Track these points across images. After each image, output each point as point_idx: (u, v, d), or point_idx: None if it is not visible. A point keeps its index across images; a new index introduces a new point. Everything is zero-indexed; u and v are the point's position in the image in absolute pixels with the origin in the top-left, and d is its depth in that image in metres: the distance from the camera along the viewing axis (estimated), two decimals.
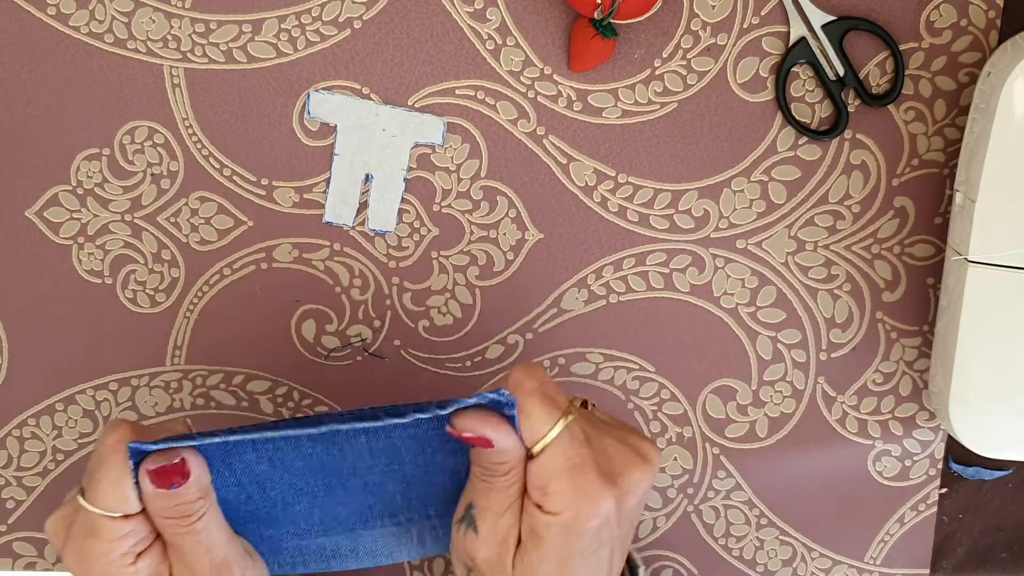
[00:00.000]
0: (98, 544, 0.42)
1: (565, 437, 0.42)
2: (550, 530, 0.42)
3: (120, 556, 0.43)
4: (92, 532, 0.42)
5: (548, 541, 0.42)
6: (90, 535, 0.42)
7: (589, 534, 0.42)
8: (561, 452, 0.42)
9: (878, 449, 0.58)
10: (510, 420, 0.42)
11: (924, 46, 0.54)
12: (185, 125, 0.55)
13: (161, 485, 0.42)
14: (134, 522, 0.43)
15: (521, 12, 0.54)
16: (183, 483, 0.42)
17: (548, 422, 0.42)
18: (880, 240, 0.56)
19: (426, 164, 0.55)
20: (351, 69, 0.54)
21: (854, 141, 0.55)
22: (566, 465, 0.42)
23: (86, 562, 0.43)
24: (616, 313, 0.57)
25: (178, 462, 0.42)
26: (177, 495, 0.42)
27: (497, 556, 0.43)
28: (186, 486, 0.42)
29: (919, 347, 0.57)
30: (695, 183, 0.56)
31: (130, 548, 0.43)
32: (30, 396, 0.58)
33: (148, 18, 0.54)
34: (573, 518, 0.42)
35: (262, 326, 0.57)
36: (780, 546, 0.60)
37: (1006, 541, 0.60)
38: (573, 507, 0.42)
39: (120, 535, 0.42)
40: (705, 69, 0.54)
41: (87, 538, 0.42)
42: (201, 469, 0.43)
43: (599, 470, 0.42)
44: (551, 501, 0.42)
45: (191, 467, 0.42)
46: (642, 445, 0.44)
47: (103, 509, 0.42)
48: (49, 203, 0.56)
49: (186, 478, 0.42)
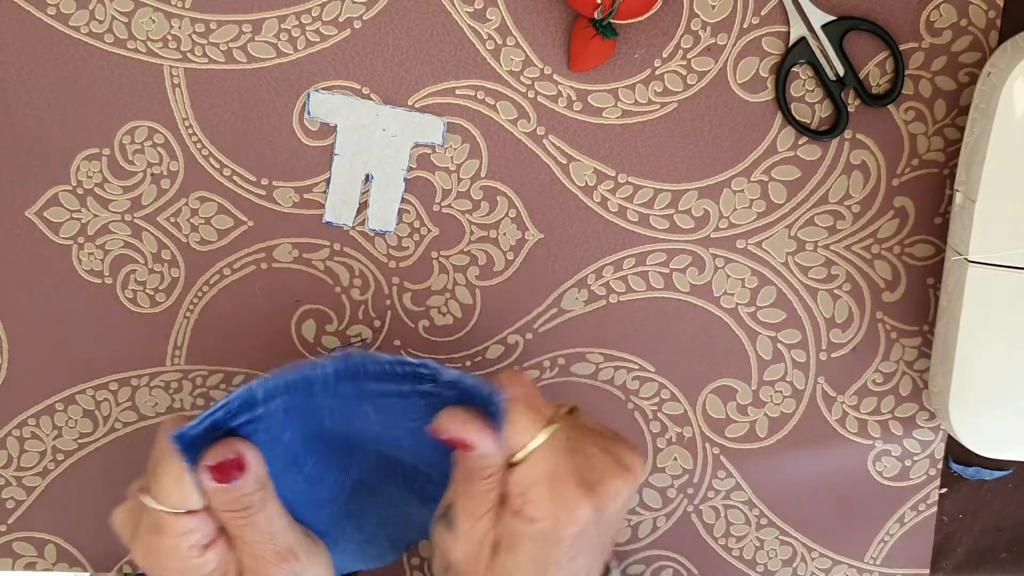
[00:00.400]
0: (165, 540, 0.43)
1: (548, 446, 0.43)
2: (527, 537, 0.42)
3: (188, 549, 0.43)
4: (158, 528, 0.43)
5: (525, 548, 0.43)
6: (156, 531, 0.43)
7: (566, 542, 0.42)
8: (543, 460, 0.42)
9: (878, 449, 0.58)
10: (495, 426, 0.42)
11: (924, 46, 0.54)
12: (185, 125, 0.55)
13: (220, 480, 0.42)
14: (198, 518, 0.43)
15: (521, 12, 0.54)
16: (241, 476, 0.43)
17: (531, 431, 0.43)
18: (880, 240, 0.56)
19: (426, 164, 0.55)
20: (351, 69, 0.54)
21: (854, 141, 0.55)
22: (546, 473, 0.42)
23: (155, 557, 0.44)
24: (616, 313, 0.57)
25: (235, 456, 0.43)
26: (236, 488, 0.43)
27: (473, 557, 0.44)
28: (244, 479, 0.43)
29: (919, 347, 0.57)
30: (695, 183, 0.56)
31: (197, 541, 0.43)
32: (30, 396, 0.58)
33: (148, 18, 0.54)
34: (551, 526, 0.42)
35: (262, 326, 0.57)
36: (780, 546, 0.60)
37: (1006, 541, 0.60)
38: (551, 515, 0.42)
39: (185, 530, 0.43)
40: (705, 69, 0.54)
41: (153, 534, 0.43)
42: (257, 460, 0.44)
43: (578, 479, 0.43)
44: (529, 508, 0.42)
45: (248, 460, 0.43)
46: (625, 454, 0.45)
47: (166, 507, 0.43)
48: (49, 203, 0.56)
49: (243, 471, 0.43)
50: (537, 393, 0.44)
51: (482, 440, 0.42)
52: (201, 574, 0.44)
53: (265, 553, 0.45)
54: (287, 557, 0.45)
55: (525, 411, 0.43)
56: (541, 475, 0.42)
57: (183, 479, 0.43)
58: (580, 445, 0.44)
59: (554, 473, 0.42)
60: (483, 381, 0.42)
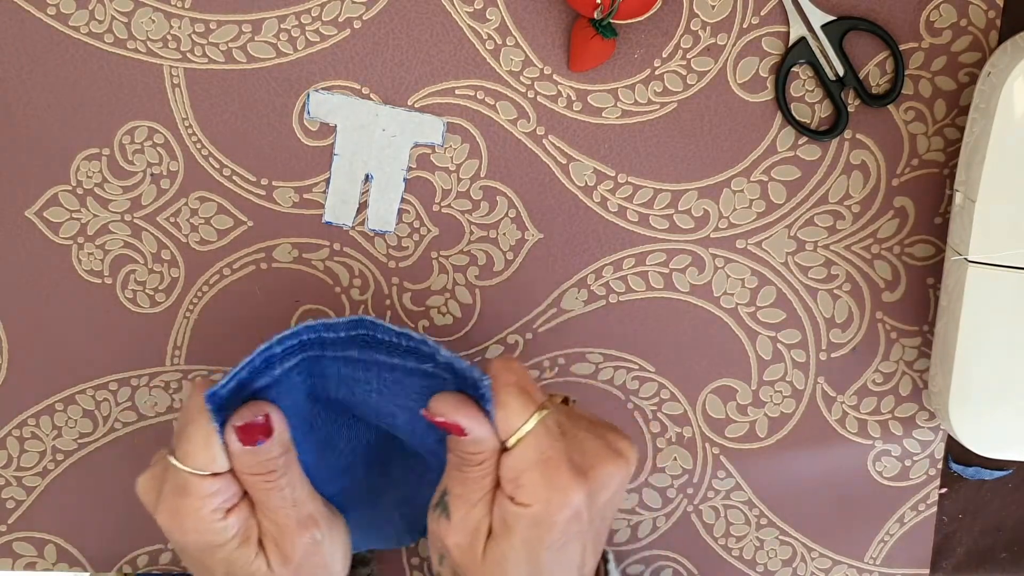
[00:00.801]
0: (190, 501, 0.44)
1: (540, 430, 0.43)
2: (520, 521, 0.43)
3: (211, 512, 0.44)
4: (183, 490, 0.44)
5: (518, 532, 0.43)
6: (181, 493, 0.44)
7: (559, 526, 0.43)
8: (535, 445, 0.43)
9: (878, 449, 0.58)
10: (485, 411, 0.43)
11: (924, 46, 0.54)
12: (185, 125, 0.55)
13: (247, 442, 0.43)
14: (222, 480, 0.44)
15: (521, 12, 0.54)
16: (267, 439, 0.43)
17: (523, 415, 0.43)
18: (880, 240, 0.56)
19: (426, 164, 0.55)
20: (351, 69, 0.54)
21: (854, 141, 0.55)
22: (539, 458, 0.42)
23: (179, 519, 0.44)
24: (616, 313, 0.57)
25: (263, 419, 0.43)
26: (262, 451, 0.43)
27: (468, 544, 0.44)
28: (270, 442, 0.43)
29: (919, 347, 0.57)
30: (695, 183, 0.56)
31: (220, 504, 0.44)
32: (30, 396, 0.58)
33: (148, 18, 0.54)
34: (543, 510, 0.42)
35: (262, 326, 0.57)
36: (780, 546, 0.60)
37: (1006, 541, 0.60)
38: (543, 499, 0.42)
39: (210, 492, 0.44)
40: (705, 69, 0.54)
41: (179, 496, 0.44)
42: (282, 424, 0.44)
43: (571, 463, 0.43)
44: (522, 493, 0.42)
45: (274, 423, 0.44)
46: (618, 441, 0.45)
47: (193, 468, 0.43)
48: (49, 203, 0.56)
49: (270, 435, 0.43)
50: (529, 379, 0.44)
51: (474, 425, 0.42)
52: (223, 538, 0.45)
53: (287, 519, 0.45)
54: (308, 524, 0.46)
55: (517, 396, 0.43)
56: (533, 460, 0.42)
57: (211, 440, 0.43)
58: (572, 431, 0.44)
59: (546, 458, 0.42)
60: (472, 367, 0.43)
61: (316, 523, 0.46)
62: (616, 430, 0.46)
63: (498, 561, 0.43)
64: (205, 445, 0.43)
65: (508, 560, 0.43)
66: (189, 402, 0.44)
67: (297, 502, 0.45)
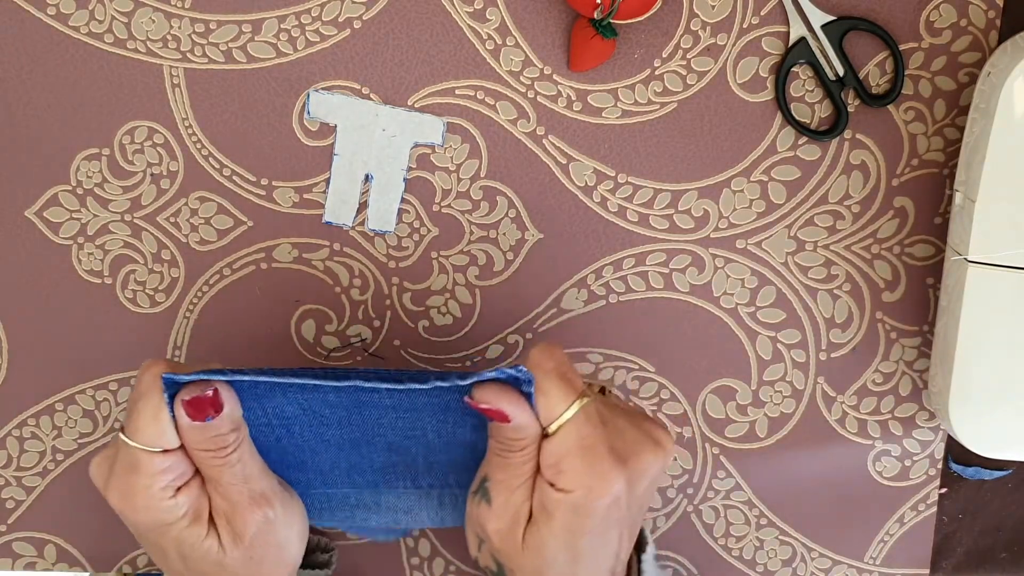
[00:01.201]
0: (139, 479, 0.44)
1: (580, 418, 0.43)
2: (561, 507, 0.43)
3: (160, 490, 0.44)
4: (133, 468, 0.44)
5: (558, 518, 0.43)
6: (131, 471, 0.44)
7: (599, 513, 0.43)
8: (576, 432, 0.43)
9: (878, 449, 0.58)
10: (527, 398, 0.43)
11: (924, 46, 0.54)
12: (185, 125, 0.55)
13: (196, 417, 0.43)
14: (173, 457, 0.44)
15: (521, 12, 0.54)
16: (216, 415, 0.43)
17: (564, 402, 0.43)
18: (880, 240, 0.56)
19: (426, 164, 0.55)
20: (351, 69, 0.54)
21: (854, 141, 0.55)
22: (580, 445, 0.43)
23: (128, 497, 0.44)
24: (616, 313, 0.57)
25: (211, 394, 0.43)
26: (212, 427, 0.44)
27: (508, 529, 0.44)
28: (220, 418, 0.44)
29: (919, 347, 0.57)
30: (695, 183, 0.56)
31: (170, 483, 0.44)
32: (30, 396, 0.58)
33: (148, 18, 0.54)
34: (584, 496, 0.43)
35: (262, 326, 0.57)
36: (780, 546, 0.60)
37: (1006, 541, 0.60)
38: (584, 486, 0.43)
39: (160, 469, 0.44)
40: (705, 69, 0.54)
41: (129, 474, 0.44)
42: (233, 402, 0.44)
43: (611, 451, 0.43)
44: (563, 479, 0.43)
45: (223, 399, 0.44)
46: (656, 430, 0.46)
47: (142, 444, 0.44)
48: (49, 203, 0.56)
49: (219, 411, 0.43)
50: (570, 365, 0.44)
51: (517, 411, 0.43)
52: (173, 516, 0.45)
53: (240, 496, 0.45)
54: (260, 502, 0.46)
55: (558, 383, 0.43)
56: (574, 446, 0.43)
57: (160, 415, 0.43)
58: (611, 419, 0.45)
59: (587, 444, 0.43)
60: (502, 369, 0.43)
61: (268, 501, 0.46)
62: (653, 419, 0.47)
63: (538, 547, 0.44)
64: (154, 420, 0.43)
65: (548, 546, 0.44)
66: (140, 377, 0.44)
67: (249, 479, 0.45)
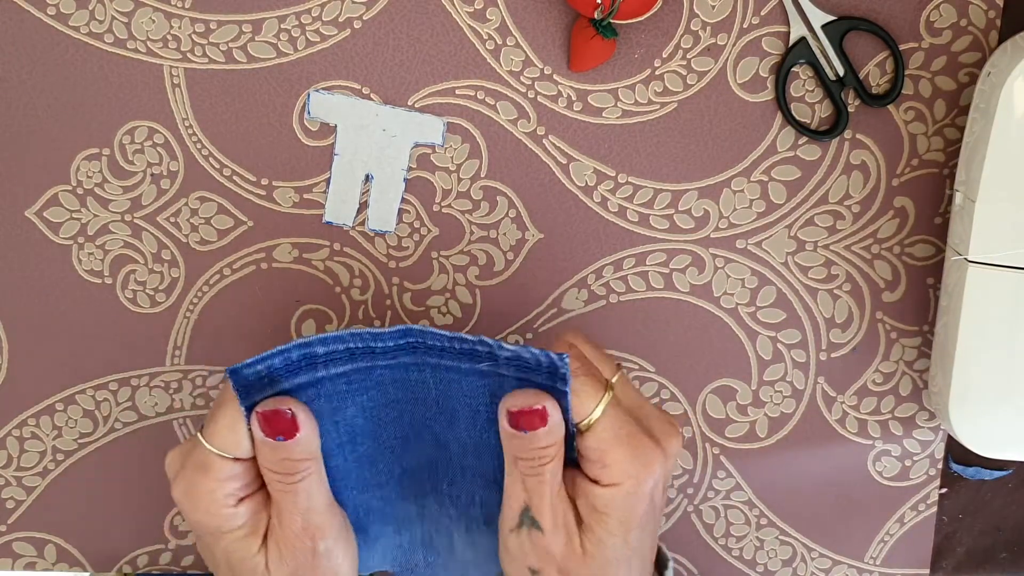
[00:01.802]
0: (206, 481, 0.44)
1: (612, 410, 0.43)
2: (614, 503, 0.43)
3: (224, 496, 0.44)
4: (203, 468, 0.44)
5: (613, 514, 0.43)
6: (201, 471, 0.44)
7: (646, 498, 0.43)
8: (610, 425, 0.43)
9: (878, 449, 0.58)
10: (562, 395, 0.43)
11: (924, 46, 0.54)
12: (185, 125, 0.55)
13: (267, 432, 0.43)
14: (242, 466, 0.45)
15: (521, 12, 0.54)
16: (290, 440, 0.44)
17: (595, 398, 0.43)
18: (880, 240, 0.56)
19: (426, 164, 0.55)
20: (351, 69, 0.54)
21: (854, 141, 0.55)
22: (617, 435, 0.43)
23: (192, 496, 0.45)
24: (616, 313, 0.57)
25: (288, 412, 0.43)
26: (284, 448, 0.44)
27: (567, 542, 0.44)
28: (294, 442, 0.44)
29: (919, 347, 0.57)
30: (695, 183, 0.56)
31: (234, 490, 0.45)
32: (30, 396, 0.58)
33: (148, 18, 0.54)
34: (634, 485, 0.43)
35: (262, 326, 0.57)
36: (780, 546, 0.60)
37: (1006, 541, 0.60)
38: (632, 474, 0.43)
39: (227, 475, 0.44)
40: (705, 69, 0.54)
41: (198, 473, 0.44)
42: (312, 431, 0.44)
43: (648, 435, 0.44)
44: (609, 473, 0.43)
45: (300, 424, 0.44)
46: (666, 413, 0.46)
47: (217, 448, 0.44)
48: (49, 203, 0.56)
49: (293, 433, 0.44)
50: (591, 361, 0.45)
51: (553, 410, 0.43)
52: (230, 524, 0.45)
53: (291, 523, 0.45)
54: (313, 533, 0.46)
55: (586, 379, 0.43)
56: (613, 438, 0.43)
57: (237, 425, 0.44)
58: (635, 402, 0.45)
59: (625, 433, 0.43)
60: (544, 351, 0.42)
61: (323, 536, 0.46)
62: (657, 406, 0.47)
63: (599, 550, 0.44)
64: (231, 428, 0.44)
65: (606, 545, 0.44)
66: (224, 385, 0.45)
67: (309, 511, 0.45)
